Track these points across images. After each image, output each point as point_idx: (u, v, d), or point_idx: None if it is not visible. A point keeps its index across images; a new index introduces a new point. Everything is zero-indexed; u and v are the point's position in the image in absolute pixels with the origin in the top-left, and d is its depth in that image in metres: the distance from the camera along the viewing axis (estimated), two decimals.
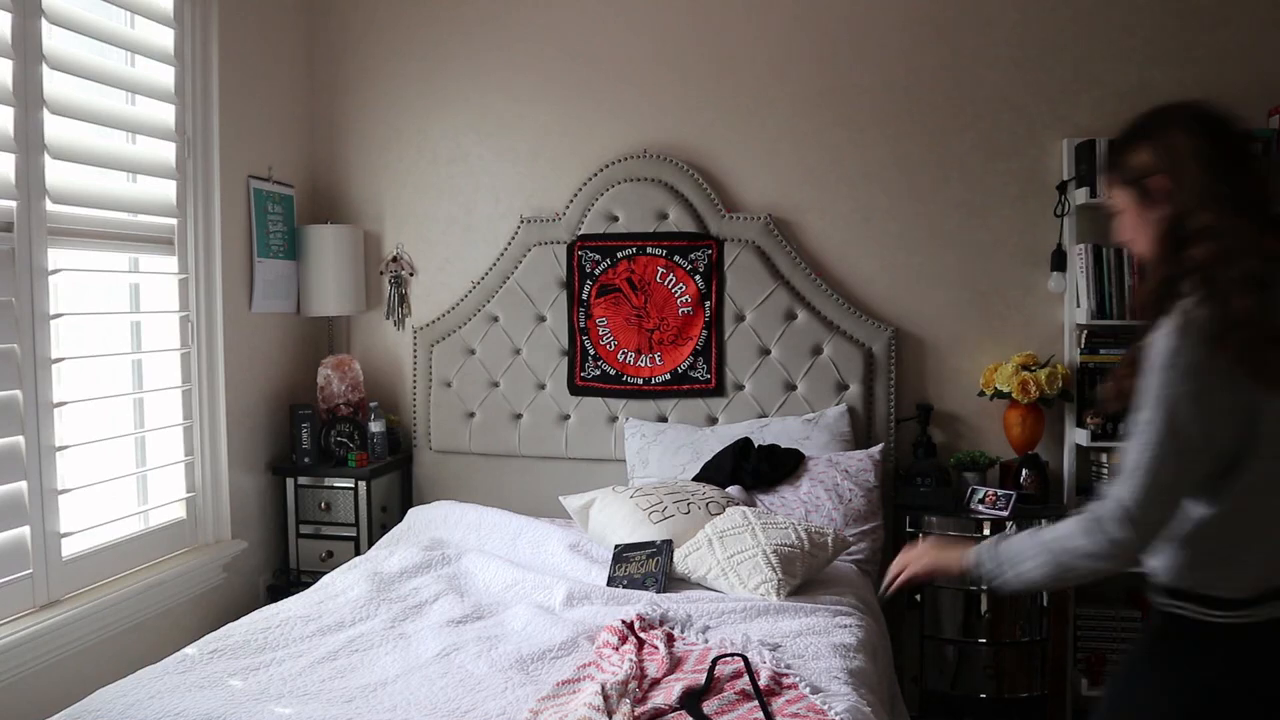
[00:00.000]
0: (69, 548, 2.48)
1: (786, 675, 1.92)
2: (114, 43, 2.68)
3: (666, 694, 1.82)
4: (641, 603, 2.36)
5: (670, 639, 2.12)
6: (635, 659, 1.95)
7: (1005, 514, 2.96)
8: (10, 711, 2.23)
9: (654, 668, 1.95)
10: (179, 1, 2.89)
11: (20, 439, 2.31)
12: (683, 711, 1.76)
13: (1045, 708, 3.00)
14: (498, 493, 3.40)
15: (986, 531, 2.95)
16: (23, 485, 2.32)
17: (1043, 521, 2.94)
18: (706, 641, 2.12)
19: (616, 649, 2.04)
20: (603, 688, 1.78)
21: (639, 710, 1.75)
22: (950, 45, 3.26)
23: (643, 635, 2.11)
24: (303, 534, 3.32)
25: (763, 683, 1.87)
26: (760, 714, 1.76)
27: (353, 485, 3.28)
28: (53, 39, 2.42)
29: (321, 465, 3.33)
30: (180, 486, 2.95)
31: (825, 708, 1.77)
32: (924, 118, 3.29)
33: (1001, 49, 3.24)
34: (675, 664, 2.00)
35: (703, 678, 1.88)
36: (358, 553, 3.21)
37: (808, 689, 1.86)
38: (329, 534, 3.30)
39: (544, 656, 2.10)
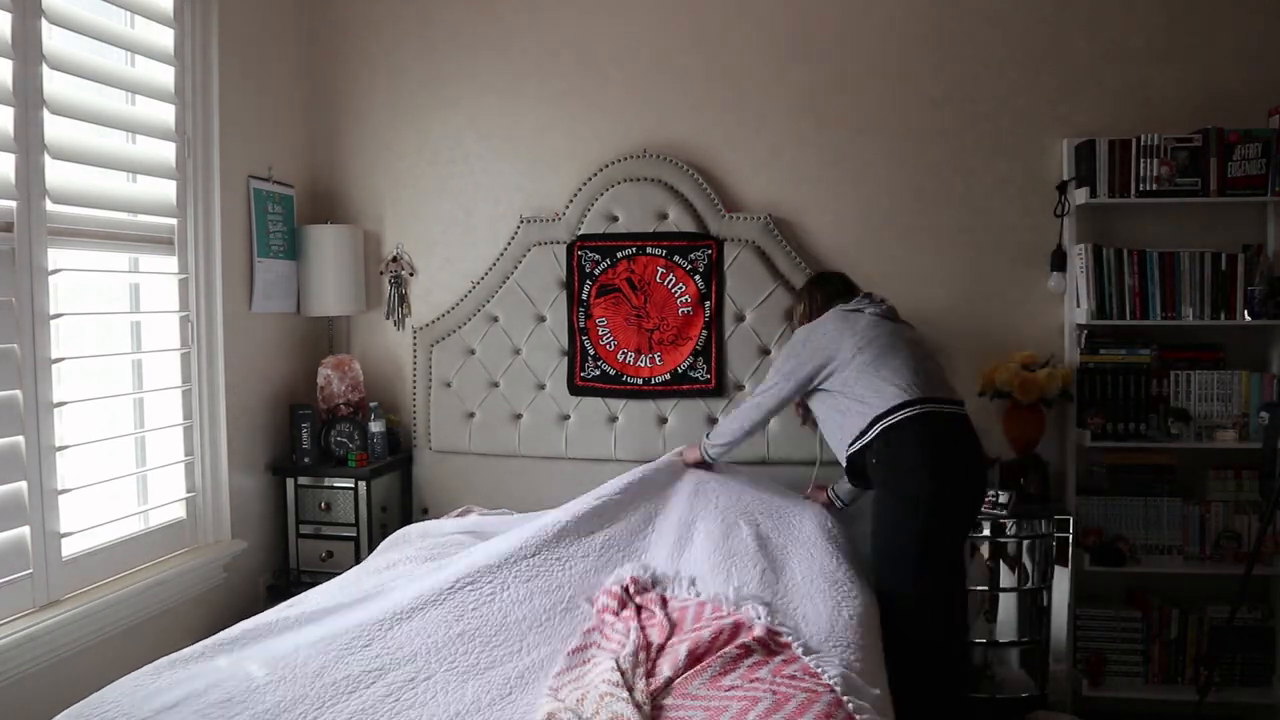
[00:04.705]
0: (69, 548, 2.48)
1: (781, 634, 2.01)
2: (114, 43, 2.68)
3: (673, 658, 1.90)
4: (630, 565, 2.41)
5: (664, 601, 2.20)
6: (638, 627, 2.03)
7: (1005, 514, 2.95)
8: (10, 711, 2.23)
9: (655, 633, 2.03)
10: (179, 1, 2.89)
11: (20, 439, 2.31)
12: (688, 674, 1.86)
13: (1044, 708, 3.01)
14: (498, 493, 3.40)
15: (986, 531, 2.95)
16: (23, 485, 2.32)
17: (1042, 523, 2.96)
18: (699, 595, 2.20)
19: (617, 614, 2.11)
20: (617, 662, 1.85)
21: (653, 684, 1.83)
22: (950, 45, 3.26)
23: (639, 600, 2.18)
24: (303, 534, 3.31)
25: (757, 639, 1.98)
26: (760, 672, 1.86)
27: (353, 485, 3.28)
28: (53, 39, 2.42)
29: (321, 465, 3.33)
30: (180, 486, 2.95)
31: (819, 670, 1.87)
32: (924, 118, 3.29)
33: (1001, 49, 3.24)
34: (674, 626, 2.07)
35: (704, 633, 1.97)
36: (357, 552, 3.22)
37: (800, 649, 1.96)
38: (329, 534, 3.30)
39: (552, 612, 2.16)
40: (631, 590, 2.21)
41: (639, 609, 2.14)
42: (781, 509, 2.79)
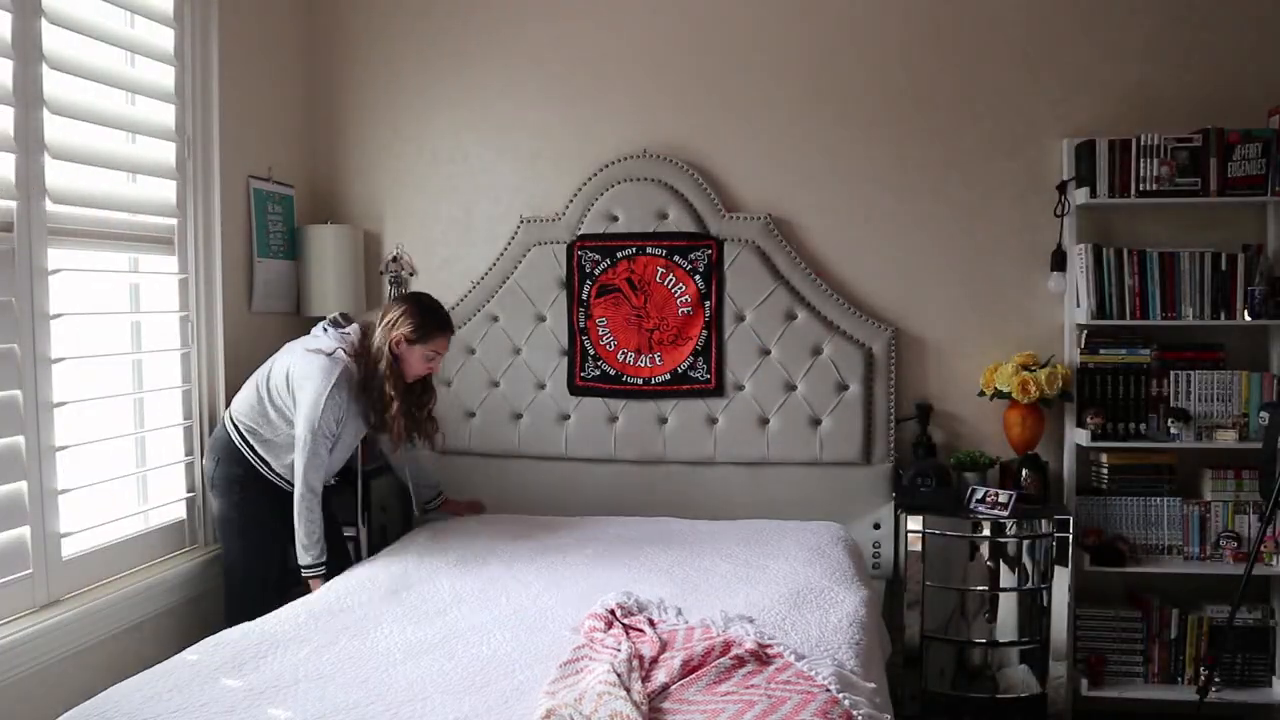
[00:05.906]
0: (69, 548, 2.48)
1: (771, 646, 2.04)
2: (114, 43, 2.67)
3: (668, 668, 1.92)
4: (616, 592, 2.42)
5: (652, 623, 2.21)
6: (630, 643, 2.04)
7: (1005, 514, 2.96)
8: (10, 711, 2.23)
9: (647, 649, 2.04)
10: (179, 1, 2.89)
11: (20, 439, 2.31)
12: (684, 682, 1.88)
13: (1044, 708, 3.01)
14: (498, 493, 3.40)
15: (986, 531, 2.95)
16: (23, 485, 2.32)
17: (1042, 523, 2.95)
18: (687, 622, 2.22)
19: (605, 632, 2.12)
20: (612, 666, 1.85)
21: (649, 688, 1.84)
22: (951, 45, 3.26)
23: (626, 621, 2.19)
24: None
25: (750, 651, 2.00)
26: (754, 679, 1.89)
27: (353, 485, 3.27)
28: (53, 39, 2.42)
29: None
30: (180, 486, 2.94)
31: (812, 673, 1.89)
32: (924, 117, 3.29)
33: (1002, 49, 3.24)
34: (665, 645, 2.09)
35: (697, 648, 2.00)
36: (357, 552, 3.20)
37: (792, 656, 1.98)
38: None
39: (540, 642, 2.17)
40: (618, 614, 2.22)
41: (627, 629, 2.15)
42: (759, 533, 2.92)
